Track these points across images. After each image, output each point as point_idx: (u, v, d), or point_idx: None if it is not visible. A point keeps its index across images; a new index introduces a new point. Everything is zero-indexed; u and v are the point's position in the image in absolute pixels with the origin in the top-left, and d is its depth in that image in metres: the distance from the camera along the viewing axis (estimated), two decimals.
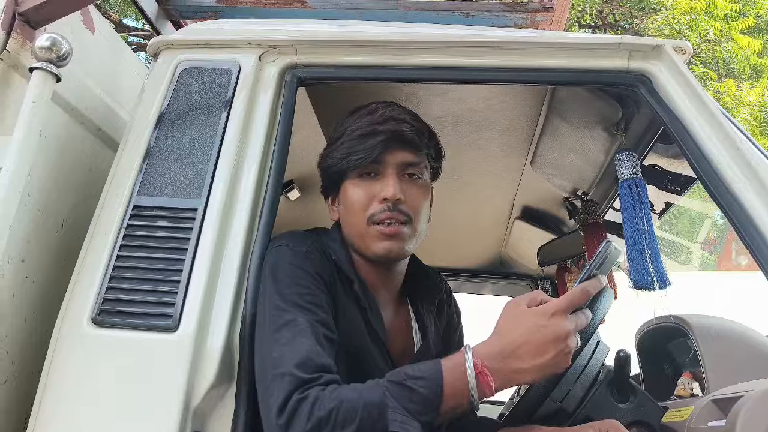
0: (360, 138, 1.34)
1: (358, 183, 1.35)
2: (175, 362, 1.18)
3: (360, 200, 1.34)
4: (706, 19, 7.91)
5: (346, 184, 1.38)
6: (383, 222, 1.31)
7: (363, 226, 1.33)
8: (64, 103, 1.47)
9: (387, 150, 1.33)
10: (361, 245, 1.36)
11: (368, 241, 1.33)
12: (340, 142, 1.38)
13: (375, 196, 1.33)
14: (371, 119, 1.36)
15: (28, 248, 1.38)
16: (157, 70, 1.48)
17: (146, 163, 1.37)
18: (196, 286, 1.24)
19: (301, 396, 1.06)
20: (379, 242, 1.32)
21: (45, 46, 1.29)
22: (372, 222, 1.32)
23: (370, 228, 1.32)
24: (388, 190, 1.31)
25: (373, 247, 1.33)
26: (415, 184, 1.37)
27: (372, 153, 1.32)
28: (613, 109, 1.64)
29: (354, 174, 1.36)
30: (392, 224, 1.31)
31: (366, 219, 1.33)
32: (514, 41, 1.44)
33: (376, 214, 1.32)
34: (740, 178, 1.27)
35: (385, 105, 1.40)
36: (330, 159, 1.40)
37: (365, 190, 1.34)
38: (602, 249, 1.15)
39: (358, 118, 1.38)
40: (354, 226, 1.36)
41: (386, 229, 1.31)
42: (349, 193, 1.36)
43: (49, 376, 1.21)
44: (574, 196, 2.24)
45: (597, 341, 1.36)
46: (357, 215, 1.34)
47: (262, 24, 1.62)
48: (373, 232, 1.32)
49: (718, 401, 1.25)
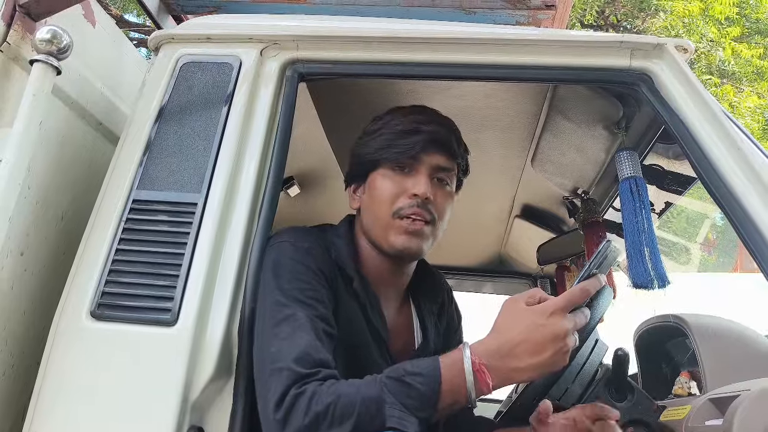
0: (402, 133, 1.36)
1: (390, 175, 1.37)
2: (174, 356, 1.18)
3: (390, 192, 1.35)
4: (703, 23, 7.90)
5: (375, 174, 1.39)
6: (409, 217, 1.33)
7: (387, 218, 1.34)
8: (64, 96, 1.47)
9: (425, 150, 1.36)
10: (380, 236, 1.36)
11: (389, 233, 1.34)
12: (379, 133, 1.40)
13: (405, 191, 1.34)
14: (416, 118, 1.39)
15: (28, 241, 1.38)
16: (158, 64, 1.48)
17: (146, 157, 1.37)
18: (195, 281, 1.24)
19: (298, 391, 1.06)
20: (400, 236, 1.33)
21: (45, 39, 1.28)
22: (398, 215, 1.33)
23: (395, 221, 1.34)
24: (419, 188, 1.33)
25: (393, 239, 1.34)
26: (443, 190, 1.39)
27: (412, 149, 1.35)
28: (614, 108, 1.64)
29: (387, 166, 1.37)
30: (417, 221, 1.33)
31: (392, 211, 1.34)
32: (515, 38, 1.43)
33: (404, 208, 1.33)
34: (741, 178, 1.26)
35: (430, 109, 1.44)
36: (366, 147, 1.41)
37: (396, 183, 1.36)
38: (602, 248, 1.16)
39: (402, 115, 1.41)
40: (377, 216, 1.36)
41: (410, 225, 1.33)
42: (379, 183, 1.37)
43: (47, 369, 1.21)
44: (574, 195, 2.24)
45: (595, 340, 1.36)
46: (383, 206, 1.35)
47: (264, 19, 1.62)
48: (396, 224, 1.33)
49: (715, 400, 1.25)
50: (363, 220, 1.42)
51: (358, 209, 1.45)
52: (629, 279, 1.43)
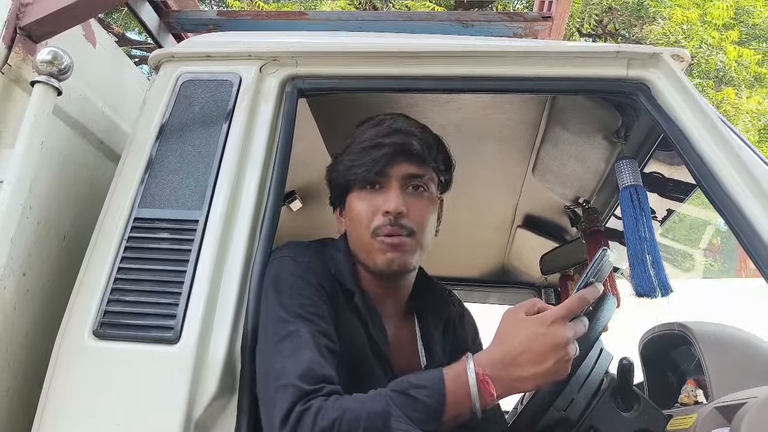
0: (364, 150, 1.34)
1: (362, 195, 1.35)
2: (177, 374, 1.18)
3: (364, 213, 1.34)
4: (703, 28, 7.92)
5: (351, 197, 1.38)
6: (386, 234, 1.31)
7: (368, 239, 1.33)
8: (65, 117, 1.48)
9: (391, 163, 1.33)
10: (366, 258, 1.35)
11: (372, 253, 1.33)
12: (345, 153, 1.38)
13: (378, 209, 1.32)
14: (377, 131, 1.36)
15: (30, 261, 1.39)
16: (158, 83, 1.49)
17: (148, 175, 1.38)
18: (198, 298, 1.24)
19: (303, 407, 1.06)
20: (383, 254, 1.31)
21: (46, 60, 1.30)
22: (375, 234, 1.32)
23: (374, 241, 1.32)
24: (389, 204, 1.31)
25: (377, 259, 1.32)
26: (421, 197, 1.36)
27: (375, 166, 1.32)
28: (612, 117, 1.64)
29: (358, 186, 1.36)
30: (394, 237, 1.31)
31: (370, 232, 1.32)
32: (513, 51, 1.44)
33: (380, 227, 1.31)
34: (740, 184, 1.27)
35: (392, 117, 1.40)
36: (335, 171, 1.40)
37: (369, 202, 1.34)
38: (598, 257, 1.16)
39: (364, 131, 1.39)
40: (359, 238, 1.35)
41: (389, 239, 1.30)
42: (354, 205, 1.36)
43: (50, 388, 1.21)
44: (575, 204, 2.24)
45: (600, 349, 1.35)
46: (361, 228, 1.34)
47: (263, 36, 1.63)
48: (376, 244, 1.31)
49: (721, 408, 1.24)
50: (350, 242, 1.40)
51: (344, 232, 1.43)
52: (632, 287, 1.43)
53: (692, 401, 1.65)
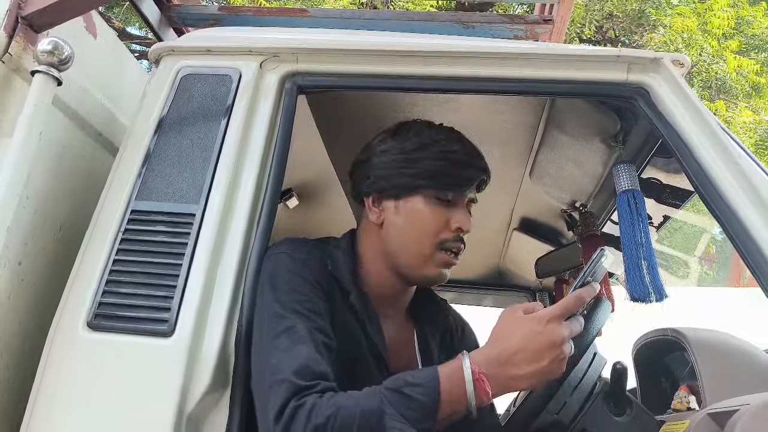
0: (454, 163, 1.35)
1: (433, 204, 1.34)
2: (170, 367, 1.17)
3: (435, 223, 1.33)
4: (703, 37, 7.95)
5: (417, 199, 1.34)
6: (452, 250, 1.34)
7: (430, 249, 1.33)
8: (64, 107, 1.47)
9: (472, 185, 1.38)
10: (413, 264, 1.35)
11: (428, 263, 1.34)
12: (425, 156, 1.35)
13: (448, 224, 1.34)
14: (464, 149, 1.39)
15: (25, 251, 1.38)
16: (158, 76, 1.49)
17: (145, 168, 1.37)
18: (193, 292, 1.24)
19: (298, 403, 1.06)
20: (439, 268, 1.34)
21: (47, 50, 1.29)
22: (442, 248, 1.33)
23: (437, 253, 1.33)
24: (466, 224, 1.35)
25: (429, 270, 1.34)
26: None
27: (465, 184, 1.37)
28: (611, 121, 1.64)
29: (432, 194, 1.34)
30: (455, 254, 1.35)
31: (436, 243, 1.33)
32: (513, 52, 1.44)
33: (448, 240, 1.34)
34: (738, 191, 1.27)
35: (464, 136, 1.43)
36: (408, 166, 1.35)
37: (440, 214, 1.34)
38: (595, 257, 1.16)
39: (448, 140, 1.39)
40: (417, 244, 1.34)
41: (452, 259, 1.35)
42: (423, 211, 1.34)
43: (42, 379, 1.21)
44: (572, 208, 2.24)
45: (594, 353, 1.36)
46: (427, 237, 1.33)
47: (264, 32, 1.63)
48: (439, 257, 1.34)
49: (714, 415, 1.24)
50: (388, 240, 1.36)
51: (379, 224, 1.38)
52: (627, 292, 1.43)
53: (685, 407, 1.65)
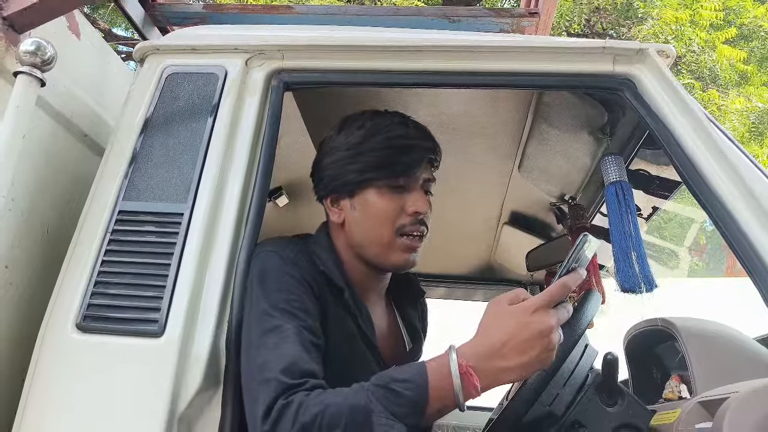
0: (395, 150, 1.35)
1: (385, 193, 1.35)
2: (161, 368, 1.17)
3: (390, 211, 1.34)
4: (692, 29, 7.99)
5: (368, 192, 1.36)
6: (411, 234, 1.35)
7: (390, 237, 1.34)
8: (48, 108, 1.46)
9: (421, 166, 1.38)
10: (378, 254, 1.36)
11: (391, 251, 1.35)
12: (369, 147, 1.35)
13: (404, 209, 1.34)
14: (407, 132, 1.38)
15: (12, 254, 1.37)
16: (143, 75, 1.48)
17: (132, 168, 1.36)
18: (182, 292, 1.23)
19: (285, 401, 1.06)
20: (402, 254, 1.35)
21: (29, 51, 1.28)
22: (401, 233, 1.34)
23: (397, 239, 1.34)
24: (421, 205, 1.35)
25: (394, 258, 1.35)
26: (429, 200, 1.41)
27: (413, 168, 1.36)
28: (598, 113, 1.65)
29: (382, 183, 1.35)
30: (417, 237, 1.35)
31: (394, 230, 1.34)
32: (499, 46, 1.44)
33: (406, 225, 1.34)
34: (724, 180, 1.27)
35: (409, 118, 1.43)
36: (353, 163, 1.36)
37: (394, 201, 1.35)
38: (579, 242, 1.13)
39: (388, 127, 1.38)
40: (377, 235, 1.35)
41: (413, 243, 1.35)
42: (374, 202, 1.35)
43: (33, 382, 1.20)
44: (561, 201, 2.25)
45: (585, 345, 1.36)
46: (384, 226, 1.34)
47: (249, 29, 1.62)
48: (399, 243, 1.34)
49: (705, 403, 1.25)
50: (352, 236, 1.39)
51: (340, 223, 1.40)
52: (617, 283, 1.43)
53: (676, 396, 1.66)
